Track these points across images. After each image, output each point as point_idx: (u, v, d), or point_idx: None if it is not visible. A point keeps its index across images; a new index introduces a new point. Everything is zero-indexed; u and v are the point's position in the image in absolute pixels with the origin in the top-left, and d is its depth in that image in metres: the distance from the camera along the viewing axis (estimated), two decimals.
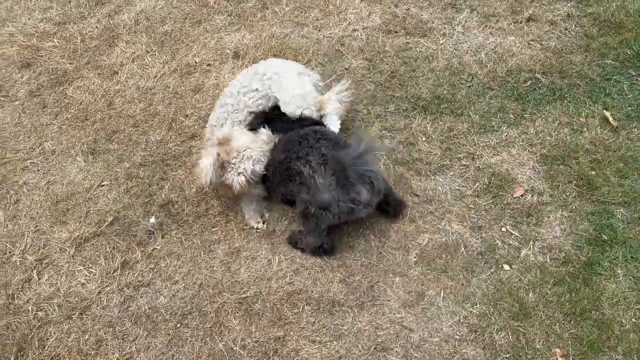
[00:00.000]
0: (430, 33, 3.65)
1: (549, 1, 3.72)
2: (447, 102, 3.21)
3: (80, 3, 4.25)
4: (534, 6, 3.69)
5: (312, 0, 4.06)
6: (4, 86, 3.67)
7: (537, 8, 3.68)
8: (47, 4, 4.33)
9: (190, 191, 2.98)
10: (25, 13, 4.29)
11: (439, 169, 2.92)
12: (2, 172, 3.13)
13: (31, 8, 4.32)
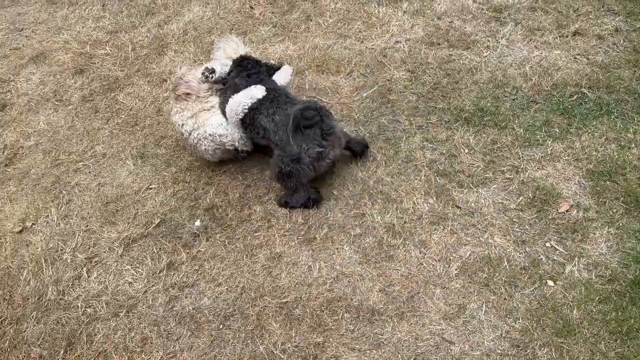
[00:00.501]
0: (473, 46, 3.65)
1: (596, 15, 3.68)
2: (491, 115, 3.20)
3: (131, 13, 4.42)
4: (580, 20, 3.66)
5: (355, 12, 4.12)
6: (58, 91, 3.84)
7: (583, 22, 3.64)
8: (100, 13, 4.53)
9: (234, 196, 3.04)
10: (80, 22, 4.49)
11: (481, 182, 2.91)
12: (55, 173, 3.27)
13: (85, 17, 4.52)
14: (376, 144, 3.18)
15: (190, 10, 4.36)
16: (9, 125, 3.64)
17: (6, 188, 3.24)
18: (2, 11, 4.82)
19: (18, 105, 3.79)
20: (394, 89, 3.49)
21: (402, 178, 2.98)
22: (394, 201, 2.88)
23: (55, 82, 3.92)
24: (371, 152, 3.14)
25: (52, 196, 3.14)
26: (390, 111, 3.36)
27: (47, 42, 4.32)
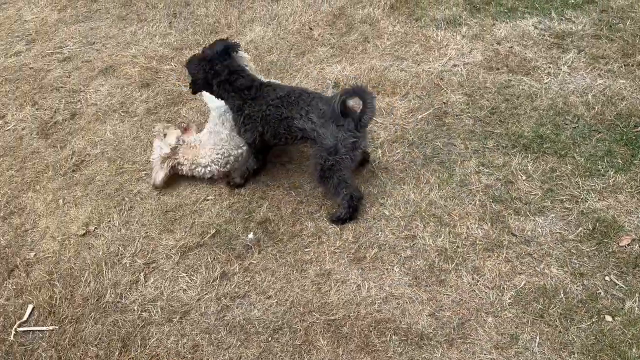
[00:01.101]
0: (534, 72, 3.61)
1: None
2: (550, 142, 3.14)
3: (196, 31, 4.62)
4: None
5: (413, 35, 4.16)
6: (125, 103, 4.04)
7: None
8: (166, 30, 4.74)
9: (287, 211, 3.10)
10: (147, 38, 4.71)
11: (539, 210, 2.85)
12: (119, 181, 3.43)
13: (152, 33, 4.75)
14: (430, 167, 3.17)
15: (252, 30, 4.51)
16: (77, 133, 3.85)
17: (72, 193, 3.41)
18: (76, 25, 5.12)
19: (87, 114, 4.00)
20: (450, 112, 3.48)
21: (455, 202, 2.96)
22: (446, 225, 2.86)
23: (122, 94, 4.12)
24: (424, 174, 3.13)
25: (115, 202, 3.29)
26: (446, 134, 3.35)
27: (116, 55, 4.55)
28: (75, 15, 5.28)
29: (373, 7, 4.55)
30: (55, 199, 3.38)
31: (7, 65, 4.74)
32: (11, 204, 3.41)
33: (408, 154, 3.28)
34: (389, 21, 4.37)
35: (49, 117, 4.03)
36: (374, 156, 3.30)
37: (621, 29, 3.77)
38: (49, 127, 3.95)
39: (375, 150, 3.34)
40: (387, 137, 3.42)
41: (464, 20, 4.17)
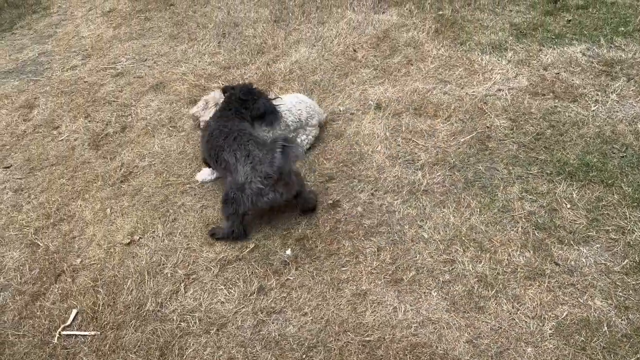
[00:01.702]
0: (581, 99, 3.55)
1: None
2: (597, 171, 3.07)
3: (243, 51, 4.76)
4: None
5: (458, 59, 4.16)
6: (173, 118, 4.18)
7: None
8: (215, 50, 4.91)
9: (325, 229, 3.12)
10: (197, 56, 4.88)
11: (583, 240, 2.78)
12: (164, 193, 3.54)
13: (202, 52, 4.92)
14: (471, 191, 3.15)
15: (297, 51, 4.62)
16: (127, 146, 4.00)
17: (120, 202, 3.54)
18: (130, 43, 5.36)
19: (137, 128, 4.16)
20: (493, 137, 3.45)
21: (497, 228, 2.92)
22: (487, 251, 2.82)
23: (171, 109, 4.27)
24: (465, 198, 3.11)
25: (160, 214, 3.39)
26: (488, 158, 3.32)
27: (167, 72, 4.73)
28: (130, 32, 5.53)
29: (417, 31, 4.59)
30: (103, 208, 3.51)
31: (63, 79, 4.99)
32: (61, 211, 3.56)
33: (449, 177, 3.27)
34: (434, 44, 4.39)
35: (101, 129, 4.21)
36: (414, 178, 3.30)
37: None
38: (100, 138, 4.12)
39: (415, 173, 3.34)
40: (428, 159, 3.41)
41: (510, 46, 4.15)
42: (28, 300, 3.01)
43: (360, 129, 3.74)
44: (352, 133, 3.73)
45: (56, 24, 6.17)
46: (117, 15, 5.99)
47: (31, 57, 5.53)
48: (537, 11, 4.49)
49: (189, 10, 5.77)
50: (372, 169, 3.43)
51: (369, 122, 3.79)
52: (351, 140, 3.67)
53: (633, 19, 4.12)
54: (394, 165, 3.42)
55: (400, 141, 3.58)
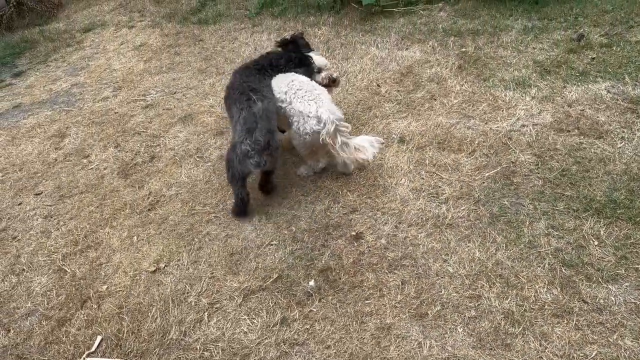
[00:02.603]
0: (606, 135, 3.54)
1: None
2: (625, 208, 3.03)
3: None
4: None
5: (481, 95, 4.20)
6: (200, 149, 4.27)
7: None
8: None
9: (348, 261, 3.12)
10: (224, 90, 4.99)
11: (612, 278, 2.73)
12: (190, 222, 3.59)
13: None
14: (497, 225, 3.13)
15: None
16: (155, 175, 4.09)
17: (146, 230, 3.60)
18: (160, 76, 5.53)
19: (165, 158, 4.26)
20: (518, 172, 3.45)
21: (523, 264, 2.89)
22: (514, 287, 2.79)
23: (198, 140, 4.37)
24: (491, 233, 3.09)
25: (185, 242, 3.43)
26: (514, 194, 3.31)
27: (195, 105, 4.86)
28: (159, 66, 5.72)
29: (441, 67, 4.66)
30: (130, 236, 3.58)
31: (95, 109, 5.15)
32: (89, 238, 3.63)
33: (474, 211, 3.26)
34: (457, 80, 4.44)
35: (130, 159, 4.32)
36: (438, 212, 3.30)
37: None
38: (129, 168, 4.22)
39: (439, 206, 3.34)
40: (452, 192, 3.41)
41: (534, 82, 4.18)
42: (54, 326, 3.05)
43: (384, 162, 3.77)
44: (376, 165, 3.76)
45: (89, 57, 6.41)
46: (148, 49, 6.21)
47: (64, 88, 5.73)
48: (560, 49, 4.53)
49: (217, 46, 5.96)
50: (396, 201, 3.45)
51: (392, 155, 3.82)
52: (375, 172, 3.70)
53: None
54: (417, 198, 3.43)
55: (424, 174, 3.60)
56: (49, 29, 7.50)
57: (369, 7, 5.78)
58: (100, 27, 7.20)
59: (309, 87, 3.53)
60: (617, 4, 4.95)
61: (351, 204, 3.50)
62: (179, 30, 6.54)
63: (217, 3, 7.07)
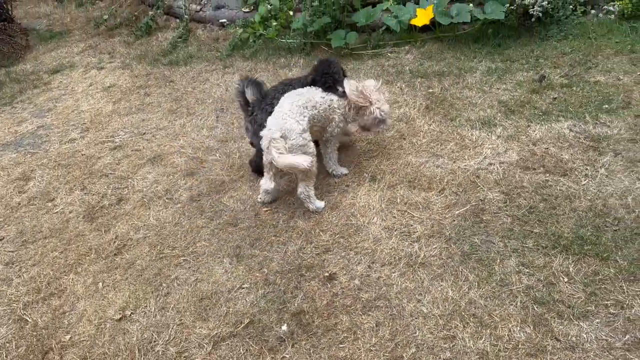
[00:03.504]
0: (571, 173, 3.64)
1: None
2: (591, 244, 3.09)
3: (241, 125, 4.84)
4: None
5: (449, 134, 4.28)
6: (170, 190, 4.21)
7: None
8: (214, 124, 5.03)
9: (321, 303, 3.07)
10: (195, 130, 5.00)
11: (582, 315, 2.75)
12: (158, 266, 3.50)
13: (200, 126, 5.04)
14: (468, 264, 3.14)
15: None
16: (122, 218, 4.00)
17: (112, 276, 3.48)
18: (129, 117, 5.49)
19: (132, 200, 4.17)
20: (487, 210, 3.49)
21: (496, 302, 2.89)
22: (487, 326, 2.78)
23: (167, 182, 4.31)
24: (463, 271, 3.10)
25: (153, 288, 3.33)
26: (484, 231, 3.34)
27: (165, 146, 4.82)
28: (129, 107, 5.68)
29: (409, 107, 4.75)
30: (95, 282, 3.45)
31: (61, 151, 5.06)
32: (52, 285, 3.49)
33: (445, 249, 3.27)
34: (425, 120, 4.53)
35: (96, 202, 4.22)
36: (411, 250, 3.29)
37: None
38: (95, 211, 4.12)
39: (411, 245, 3.34)
40: (424, 231, 3.43)
41: (499, 122, 4.30)
42: None
43: (356, 201, 3.78)
44: (348, 204, 3.76)
45: (56, 98, 6.33)
46: (117, 90, 6.18)
47: (30, 130, 5.62)
48: (523, 89, 4.69)
49: (188, 87, 5.97)
50: (369, 240, 3.44)
51: (364, 193, 3.83)
52: (347, 211, 3.70)
53: (615, 97, 4.31)
54: (390, 237, 3.43)
55: (395, 213, 3.61)
56: (16, 70, 7.41)
57: (339, 49, 5.91)
58: (69, 69, 7.15)
59: (287, 100, 3.70)
60: (575, 46, 5.19)
61: (324, 244, 3.48)
62: (149, 72, 6.55)
63: (188, 45, 7.13)
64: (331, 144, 4.01)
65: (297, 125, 3.53)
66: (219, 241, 3.62)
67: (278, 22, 6.42)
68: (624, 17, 5.35)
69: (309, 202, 3.75)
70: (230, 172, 4.29)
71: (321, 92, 3.82)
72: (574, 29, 5.42)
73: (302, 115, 3.61)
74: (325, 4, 5.98)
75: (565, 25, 5.47)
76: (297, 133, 3.53)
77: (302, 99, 3.68)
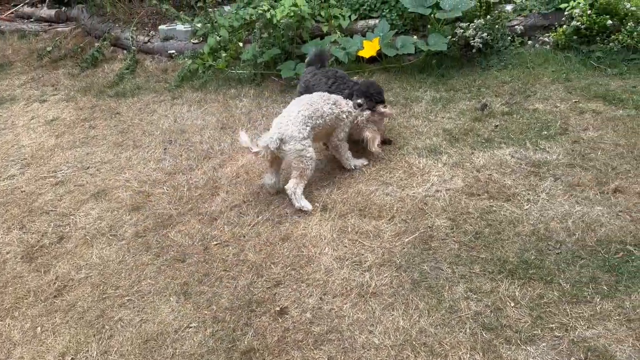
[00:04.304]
0: (514, 198, 3.74)
1: (635, 174, 3.76)
2: (536, 268, 3.17)
3: (190, 157, 4.80)
4: (620, 178, 3.74)
5: (397, 162, 4.35)
6: (114, 226, 4.07)
7: (623, 180, 3.72)
8: (161, 156, 4.93)
9: (272, 339, 3.00)
10: (142, 163, 4.88)
11: (529, 339, 2.79)
12: (101, 307, 3.34)
13: (147, 159, 4.93)
14: (418, 291, 3.15)
15: (243, 156, 4.71)
16: (63, 257, 3.82)
17: (52, 320, 3.30)
18: (72, 151, 5.31)
19: (75, 238, 4.00)
20: (435, 236, 3.54)
21: (446, 330, 2.90)
22: (438, 355, 2.78)
23: (112, 217, 4.17)
24: (413, 299, 3.10)
25: (95, 330, 3.17)
26: (432, 258, 3.37)
27: (110, 180, 4.67)
28: (73, 141, 5.51)
29: None
30: (33, 327, 3.27)
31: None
32: None
33: (396, 277, 3.28)
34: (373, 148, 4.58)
35: (36, 241, 4.03)
36: (362, 280, 3.28)
37: (593, 159, 3.99)
38: (34, 250, 3.93)
39: (363, 274, 3.33)
40: (375, 260, 3.43)
41: (444, 150, 4.40)
42: None
43: (308, 231, 3.76)
44: (300, 235, 3.73)
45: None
46: (61, 123, 5.99)
47: None
48: (466, 117, 4.84)
49: (135, 119, 5.85)
50: (320, 271, 3.41)
51: (315, 223, 3.82)
52: (299, 242, 3.67)
53: (553, 123, 4.51)
54: (342, 267, 3.42)
55: (347, 242, 3.61)
56: None
57: (289, 79, 5.96)
58: (9, 102, 6.89)
59: (296, 107, 4.04)
60: (514, 75, 5.42)
61: (275, 276, 3.42)
62: (94, 104, 6.39)
63: (136, 76, 7.02)
64: (340, 148, 4.33)
65: (298, 133, 3.89)
66: (166, 278, 3.50)
67: (228, 53, 6.42)
68: (558, 48, 5.65)
69: (295, 199, 3.96)
70: (178, 205, 4.20)
71: (331, 104, 4.15)
72: (513, 59, 5.67)
73: (305, 125, 3.94)
74: (274, 36, 6.04)
75: (505, 56, 5.72)
76: (297, 140, 3.88)
77: (310, 110, 4.01)
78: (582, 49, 5.49)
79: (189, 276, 3.50)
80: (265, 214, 3.98)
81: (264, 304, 3.24)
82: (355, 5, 6.42)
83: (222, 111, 5.73)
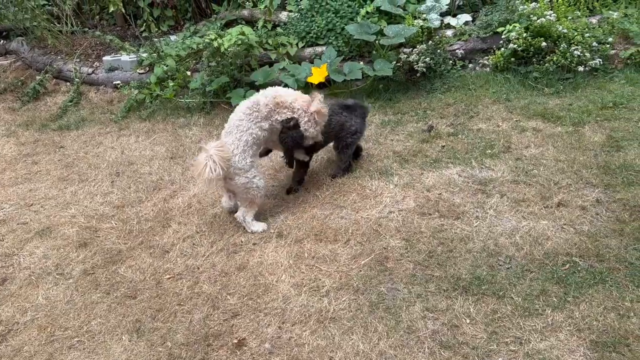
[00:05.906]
0: (463, 216, 3.85)
1: (576, 187, 3.95)
2: (488, 284, 3.25)
3: (139, 189, 4.69)
4: (562, 192, 3.92)
5: (350, 185, 4.40)
6: (60, 265, 3.89)
7: (565, 194, 3.90)
8: (108, 189, 4.79)
9: None
10: (88, 197, 4.72)
11: (486, 355, 2.84)
12: (49, 350, 3.17)
13: (93, 193, 4.78)
14: (377, 314, 3.17)
15: (195, 185, 4.64)
16: (6, 300, 3.62)
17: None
18: (14, 188, 5.08)
19: (19, 279, 3.80)
20: (390, 257, 3.58)
21: (405, 351, 2.92)
22: None
23: (58, 255, 3.99)
24: (372, 322, 3.11)
25: None
26: (389, 279, 3.41)
27: (55, 216, 4.49)
28: (15, 177, 5.28)
29: None
30: None
31: None
32: None
33: (354, 301, 3.28)
34: (327, 172, 4.63)
35: None
36: (320, 306, 3.27)
37: (536, 175, 4.17)
38: None
39: (321, 300, 3.32)
40: (332, 284, 3.43)
41: (395, 171, 4.49)
42: None
43: (264, 259, 3.72)
44: (256, 263, 3.69)
45: None
46: (1, 160, 5.72)
47: None
48: (414, 139, 4.97)
49: (80, 152, 5.67)
50: (278, 299, 3.37)
51: (272, 250, 3.79)
52: (255, 271, 3.62)
53: (497, 142, 4.69)
54: (299, 294, 3.39)
55: (304, 268, 3.59)
56: None
57: None
58: None
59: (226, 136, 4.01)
60: (457, 97, 5.62)
61: (232, 308, 3.36)
62: (37, 138, 6.16)
63: (80, 108, 6.83)
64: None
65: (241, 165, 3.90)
66: (117, 316, 3.37)
67: (175, 82, 6.36)
68: (497, 69, 5.91)
69: (246, 226, 4.01)
70: (128, 239, 4.07)
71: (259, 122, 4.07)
72: (456, 81, 5.89)
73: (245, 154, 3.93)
74: (222, 65, 6.04)
75: (448, 79, 5.93)
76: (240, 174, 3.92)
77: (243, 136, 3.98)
78: (520, 70, 5.77)
79: (142, 313, 3.38)
80: (220, 243, 3.92)
81: (221, 336, 3.17)
82: (302, 33, 6.53)
83: (171, 140, 5.64)
